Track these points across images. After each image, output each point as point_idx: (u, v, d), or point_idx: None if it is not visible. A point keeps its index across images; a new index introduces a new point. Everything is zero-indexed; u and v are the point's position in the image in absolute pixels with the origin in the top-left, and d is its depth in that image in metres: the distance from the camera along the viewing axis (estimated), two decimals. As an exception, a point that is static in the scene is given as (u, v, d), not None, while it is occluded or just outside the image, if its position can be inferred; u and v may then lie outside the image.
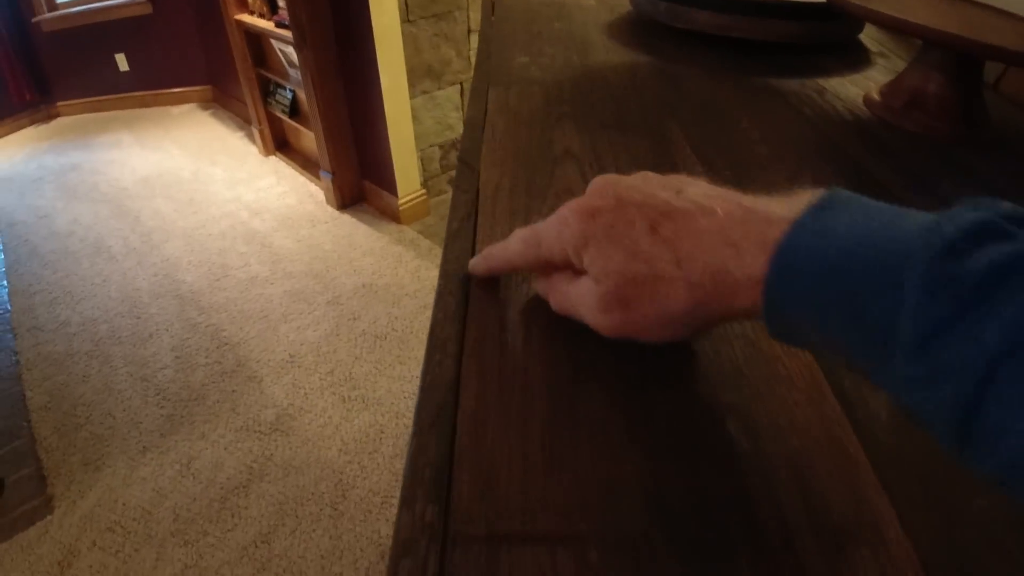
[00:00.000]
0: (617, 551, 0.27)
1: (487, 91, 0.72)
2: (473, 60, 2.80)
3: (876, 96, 0.76)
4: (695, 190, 0.30)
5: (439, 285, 0.42)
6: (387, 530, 1.61)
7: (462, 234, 0.47)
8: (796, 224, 0.25)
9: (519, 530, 0.26)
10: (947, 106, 0.70)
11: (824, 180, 0.58)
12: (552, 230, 0.32)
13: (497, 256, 0.38)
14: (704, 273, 0.27)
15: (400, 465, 1.76)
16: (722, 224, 0.27)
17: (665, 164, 0.59)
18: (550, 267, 0.35)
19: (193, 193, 3.13)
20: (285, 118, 3.11)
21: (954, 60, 0.69)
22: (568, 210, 0.32)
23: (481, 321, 0.38)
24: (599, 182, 0.33)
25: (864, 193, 0.28)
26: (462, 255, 0.44)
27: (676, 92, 0.75)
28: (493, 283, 0.42)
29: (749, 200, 0.28)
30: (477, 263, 0.40)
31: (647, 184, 0.32)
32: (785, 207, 0.26)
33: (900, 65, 0.74)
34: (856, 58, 0.92)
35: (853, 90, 0.79)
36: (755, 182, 0.59)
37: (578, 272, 0.32)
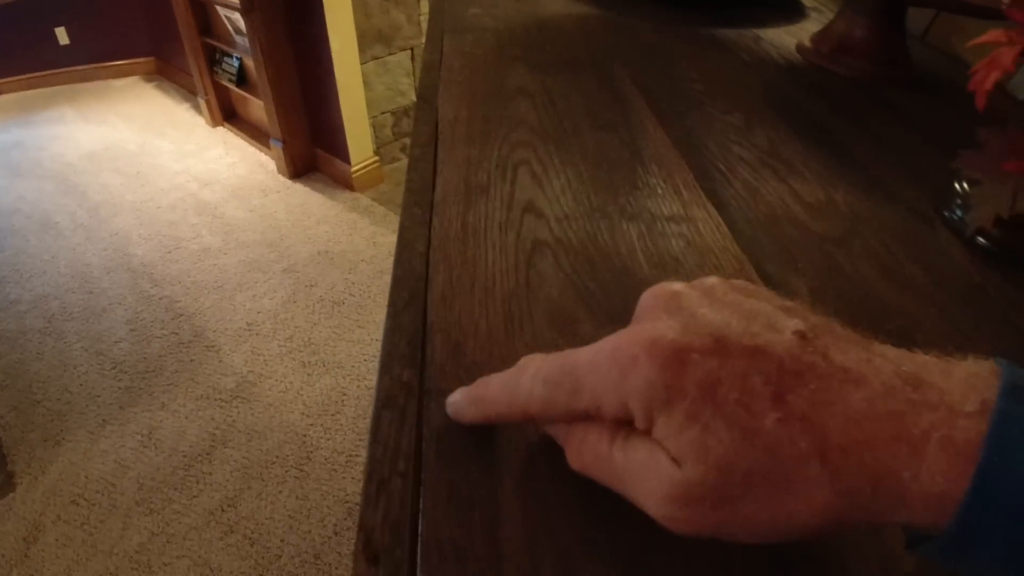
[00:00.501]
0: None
1: (442, 37, 0.73)
2: (424, 26, 2.77)
3: (808, 43, 0.79)
4: (814, 329, 0.21)
5: (404, 199, 0.44)
6: (353, 487, 1.62)
7: (424, 158, 0.49)
8: (997, 421, 0.17)
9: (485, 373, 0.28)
10: (872, 49, 0.74)
11: (760, 117, 0.61)
12: (605, 372, 0.22)
13: (499, 401, 0.26)
14: (861, 476, 0.18)
15: (363, 426, 1.78)
16: (882, 401, 0.19)
17: (611, 99, 0.61)
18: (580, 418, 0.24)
19: (140, 166, 3.06)
20: (232, 87, 3.04)
21: (878, 6, 0.73)
22: (637, 346, 0.21)
23: (445, 220, 0.41)
24: (664, 297, 0.24)
25: (802, 129, 0.27)
26: (425, 175, 0.46)
27: (622, 40, 0.78)
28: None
29: (905, 363, 0.20)
30: (463, 407, 0.28)
31: (738, 311, 0.22)
32: (955, 382, 0.19)
33: (832, 18, 0.78)
34: (791, 12, 0.96)
35: (788, 39, 0.83)
36: (693, 112, 0.61)
37: (631, 430, 0.22)
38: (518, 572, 0.23)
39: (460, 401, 0.28)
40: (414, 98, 2.89)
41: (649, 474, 0.21)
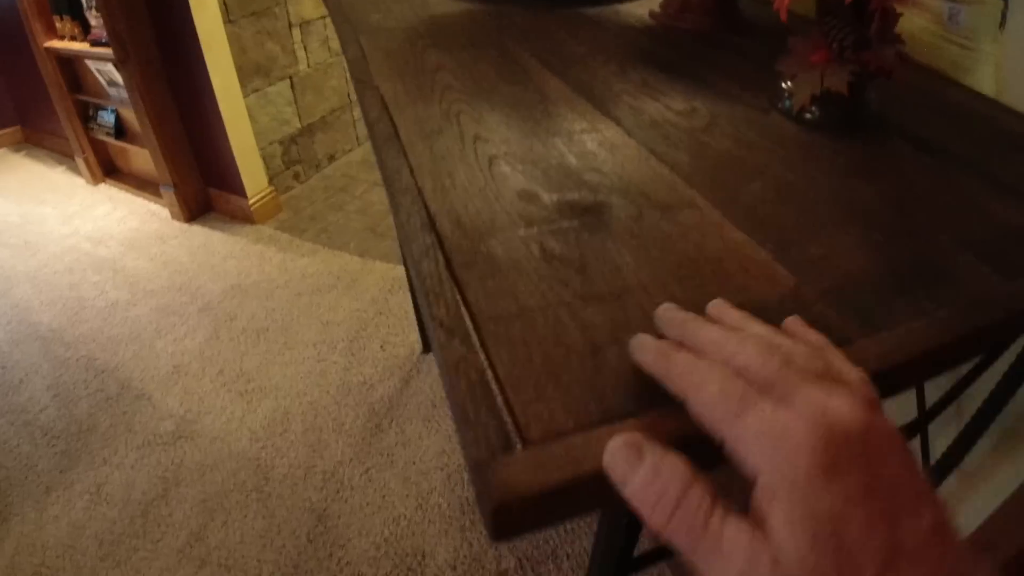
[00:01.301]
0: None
1: (357, 39, 0.85)
2: (298, 54, 2.84)
3: (658, 9, 0.98)
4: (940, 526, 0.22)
5: (375, 148, 0.57)
6: (317, 496, 1.68)
7: (382, 119, 0.61)
8: None
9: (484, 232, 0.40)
10: (708, 7, 0.94)
11: (631, 64, 0.78)
12: (767, 433, 0.24)
13: (673, 378, 0.29)
14: None
15: (313, 438, 1.83)
16: None
17: (513, 65, 0.76)
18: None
19: (26, 236, 2.95)
20: (111, 140, 2.99)
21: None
22: (804, 461, 0.22)
23: (416, 153, 0.52)
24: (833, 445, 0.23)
25: (664, 68, 0.41)
26: (387, 130, 0.58)
27: (505, 24, 0.94)
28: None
29: None
30: (646, 353, 0.32)
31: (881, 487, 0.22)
32: None
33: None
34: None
35: (641, 10, 1.00)
36: (578, 67, 0.77)
37: (730, 507, 0.24)
38: (543, 319, 0.35)
39: (649, 348, 0.32)
40: (299, 125, 2.96)
41: (739, 561, 0.22)
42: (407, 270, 1.75)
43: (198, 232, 2.84)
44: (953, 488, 0.90)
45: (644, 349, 0.32)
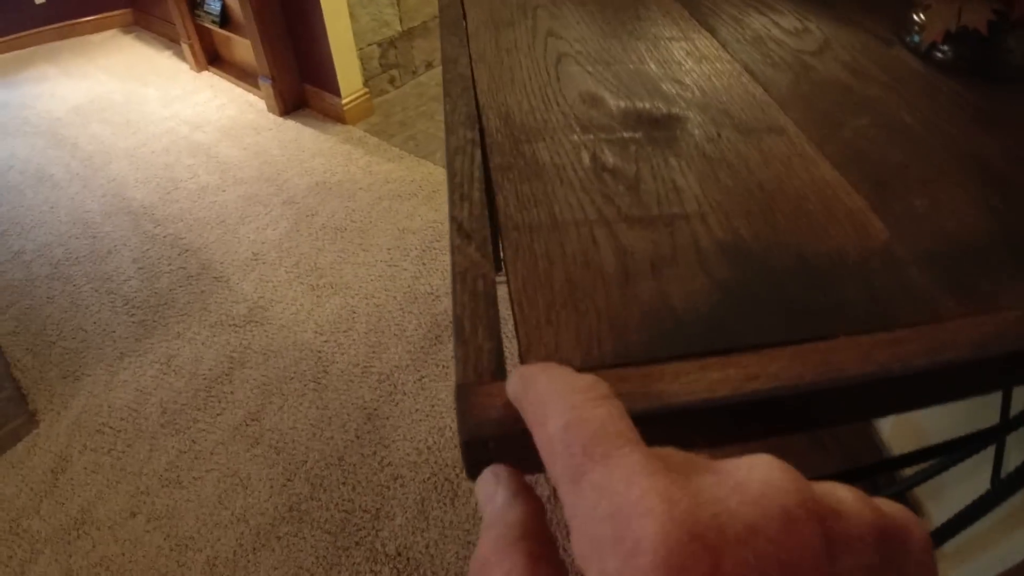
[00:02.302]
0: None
1: None
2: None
3: None
4: None
5: (441, 32, 0.52)
6: (370, 395, 1.71)
7: (452, 4, 0.55)
8: None
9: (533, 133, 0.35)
10: None
11: None
12: (602, 535, 0.15)
13: (526, 404, 0.20)
14: None
15: (375, 340, 1.86)
16: None
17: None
18: None
19: (128, 115, 3.06)
20: (216, 29, 3.02)
21: None
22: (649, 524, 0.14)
23: (480, 43, 0.47)
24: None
25: None
26: (456, 15, 0.53)
27: None
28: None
29: None
30: (514, 380, 0.22)
31: None
32: None
33: None
34: None
35: None
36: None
37: None
38: (576, 236, 0.30)
39: (521, 373, 0.22)
40: (400, 28, 2.90)
41: None
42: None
43: (291, 127, 2.87)
44: (1018, 504, 0.82)
45: (511, 379, 0.22)
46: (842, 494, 0.16)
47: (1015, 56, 0.54)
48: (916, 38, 0.56)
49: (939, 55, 0.54)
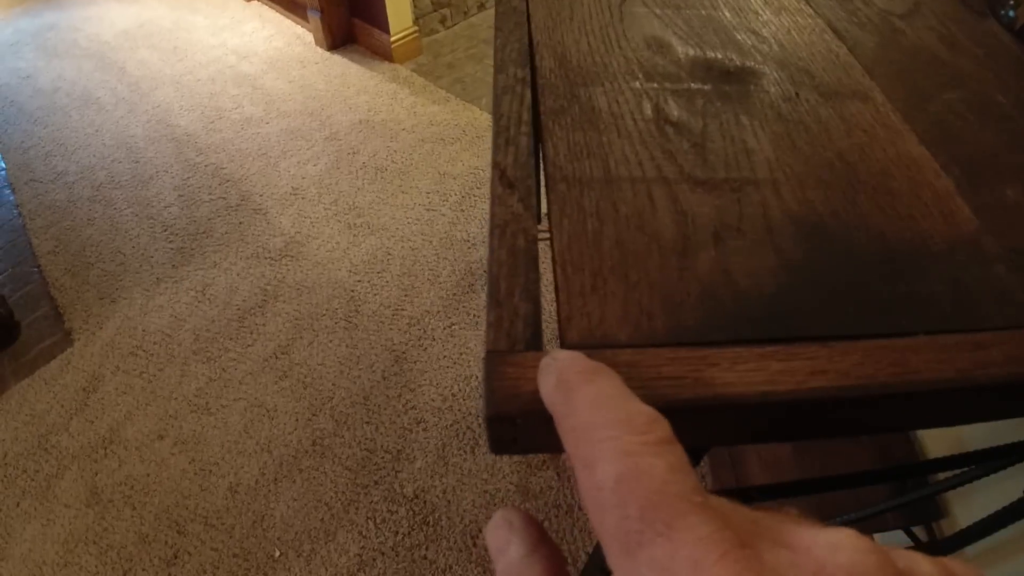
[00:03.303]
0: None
1: None
2: None
3: None
4: None
5: None
6: (400, 338, 1.70)
7: None
8: None
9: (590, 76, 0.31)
10: None
11: None
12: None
13: (566, 424, 0.17)
14: None
15: (408, 283, 1.85)
16: None
17: None
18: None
19: (176, 41, 3.04)
20: (267, -45, 2.97)
21: None
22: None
23: None
24: None
25: None
26: None
27: None
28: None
29: None
30: (549, 377, 0.19)
31: None
32: None
33: None
34: None
35: None
36: None
37: None
38: (631, 194, 0.27)
39: (551, 370, 0.19)
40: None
41: None
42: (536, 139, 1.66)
43: (337, 62, 2.82)
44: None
45: (545, 370, 0.19)
46: (920, 567, 0.14)
47: None
48: (1012, 13, 0.51)
49: (1036, 36, 0.49)
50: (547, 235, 0.26)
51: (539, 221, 1.35)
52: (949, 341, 0.23)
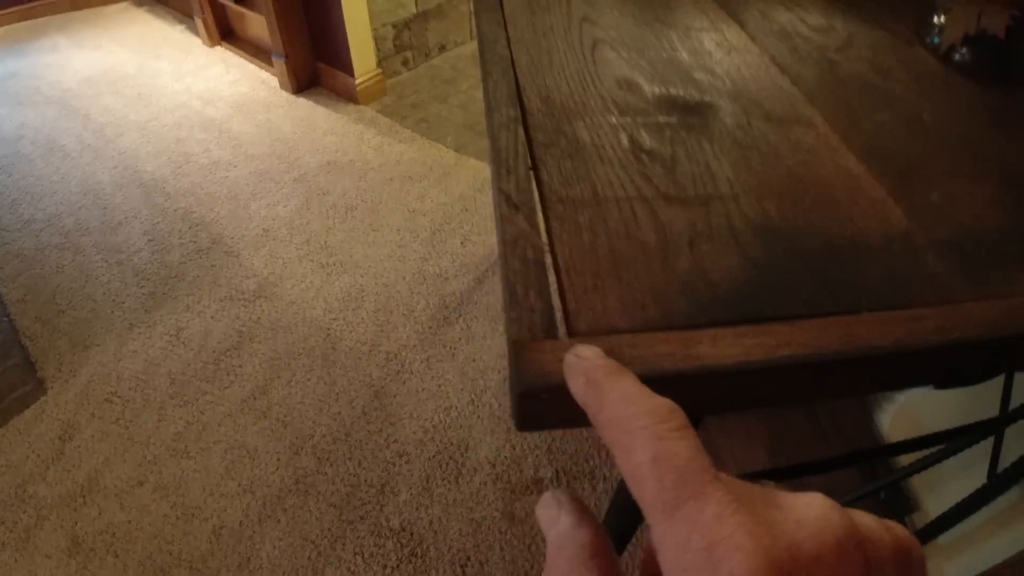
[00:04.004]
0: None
1: None
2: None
3: None
4: None
5: (476, 13, 0.53)
6: (378, 373, 1.73)
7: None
8: None
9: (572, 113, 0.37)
10: None
11: None
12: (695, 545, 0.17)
13: (599, 411, 0.21)
14: None
15: (383, 319, 1.88)
16: None
17: None
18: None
19: (140, 88, 3.06)
20: (230, 3, 3.02)
21: None
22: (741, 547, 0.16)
23: (518, 26, 0.49)
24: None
25: None
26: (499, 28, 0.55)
27: None
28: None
29: None
30: (576, 374, 0.23)
31: None
32: None
33: None
34: None
35: None
36: None
37: None
38: (617, 211, 0.32)
39: (578, 369, 0.23)
40: (415, 10, 2.90)
41: None
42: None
43: (303, 104, 2.88)
44: (1013, 500, 0.84)
45: (572, 369, 0.23)
46: (868, 521, 0.19)
47: (1033, 59, 0.56)
48: (936, 39, 0.58)
49: (958, 57, 0.56)
50: (546, 248, 0.31)
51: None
52: (888, 316, 0.29)
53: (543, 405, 0.24)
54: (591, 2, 0.56)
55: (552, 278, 0.29)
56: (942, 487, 1.13)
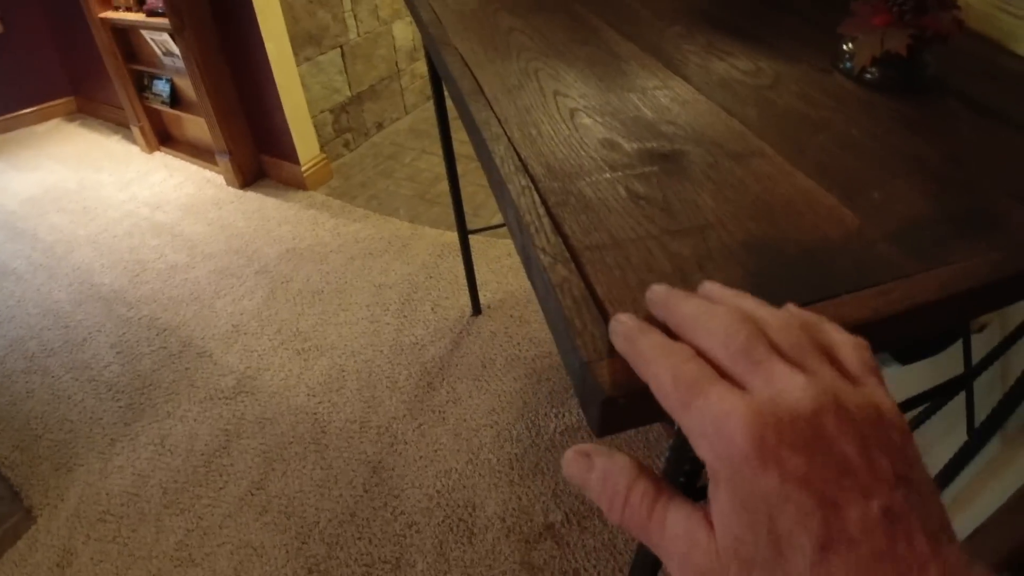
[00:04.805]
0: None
1: (428, 1, 0.89)
2: (348, 23, 2.89)
3: None
4: (898, 507, 0.21)
5: (465, 96, 0.60)
6: (372, 449, 1.75)
7: (464, 76, 0.66)
8: None
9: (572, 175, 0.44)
10: None
11: (696, 27, 0.80)
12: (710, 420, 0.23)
13: (637, 355, 0.28)
14: None
15: (368, 395, 1.90)
16: None
17: (582, 27, 0.80)
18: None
19: (85, 201, 3.07)
20: (166, 109, 3.08)
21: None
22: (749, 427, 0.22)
23: (502, 106, 0.57)
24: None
25: (728, 31, 0.42)
26: (472, 84, 0.62)
27: None
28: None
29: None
30: (620, 336, 0.30)
31: (835, 456, 0.22)
32: None
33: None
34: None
35: None
36: (646, 29, 0.80)
37: (675, 494, 0.26)
38: (634, 249, 0.40)
39: (619, 331, 0.30)
40: (349, 94, 3.01)
41: (680, 544, 0.23)
42: (461, 235, 1.79)
43: (252, 198, 2.92)
44: (995, 452, 0.92)
45: (615, 332, 0.30)
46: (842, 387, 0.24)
47: (931, 68, 0.67)
48: (849, 65, 0.68)
49: (869, 77, 0.66)
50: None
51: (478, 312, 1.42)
52: (864, 294, 0.37)
53: (621, 410, 0.31)
54: (556, 77, 0.64)
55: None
56: (924, 455, 1.20)
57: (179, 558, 1.58)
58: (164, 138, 3.36)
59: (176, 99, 3.06)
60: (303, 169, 2.81)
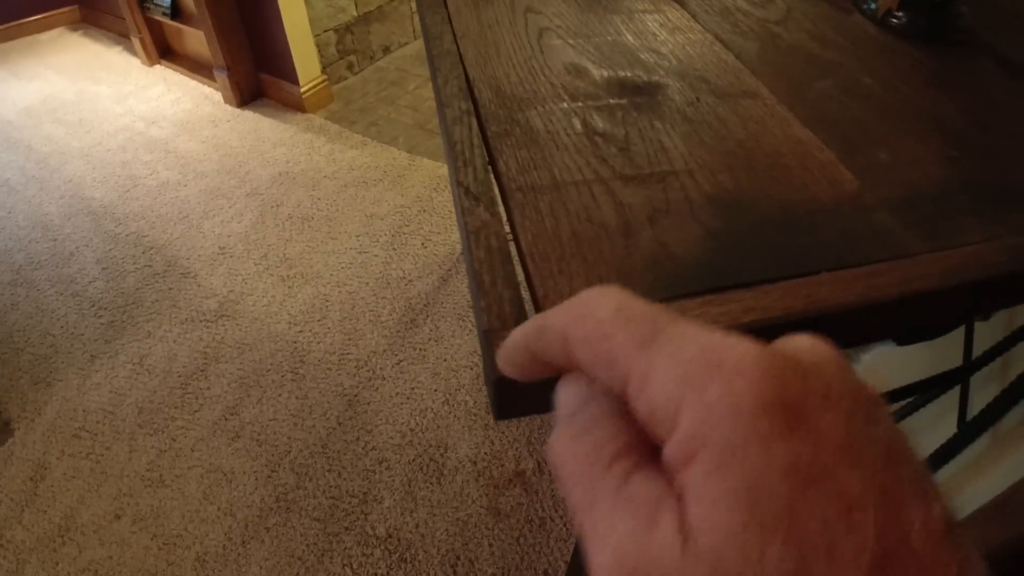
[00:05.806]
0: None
1: None
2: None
3: None
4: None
5: (420, 11, 0.53)
6: (349, 382, 1.72)
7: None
8: None
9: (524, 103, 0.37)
10: None
11: None
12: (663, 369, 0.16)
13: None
14: None
15: (350, 327, 1.86)
16: None
17: None
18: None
19: (81, 114, 2.98)
20: (167, 21, 2.96)
21: None
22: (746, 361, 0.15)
23: (463, 21, 0.49)
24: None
25: None
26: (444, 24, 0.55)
27: None
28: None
29: None
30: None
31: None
32: None
33: None
34: None
35: None
36: None
37: (643, 459, 0.16)
38: (576, 194, 0.33)
39: (511, 344, 0.22)
40: (355, 14, 2.88)
41: (632, 519, 0.15)
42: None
43: (249, 117, 2.83)
44: (984, 447, 0.87)
45: (506, 350, 0.22)
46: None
47: (965, 19, 0.58)
48: (873, 6, 0.59)
49: (894, 21, 0.58)
50: (509, 237, 0.31)
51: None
52: (848, 274, 0.30)
53: (519, 391, 0.25)
54: (533, -8, 0.56)
55: (518, 266, 0.30)
56: (913, 441, 1.16)
57: (150, 478, 1.57)
58: (165, 51, 3.25)
59: (177, 11, 2.93)
60: (302, 90, 2.71)
